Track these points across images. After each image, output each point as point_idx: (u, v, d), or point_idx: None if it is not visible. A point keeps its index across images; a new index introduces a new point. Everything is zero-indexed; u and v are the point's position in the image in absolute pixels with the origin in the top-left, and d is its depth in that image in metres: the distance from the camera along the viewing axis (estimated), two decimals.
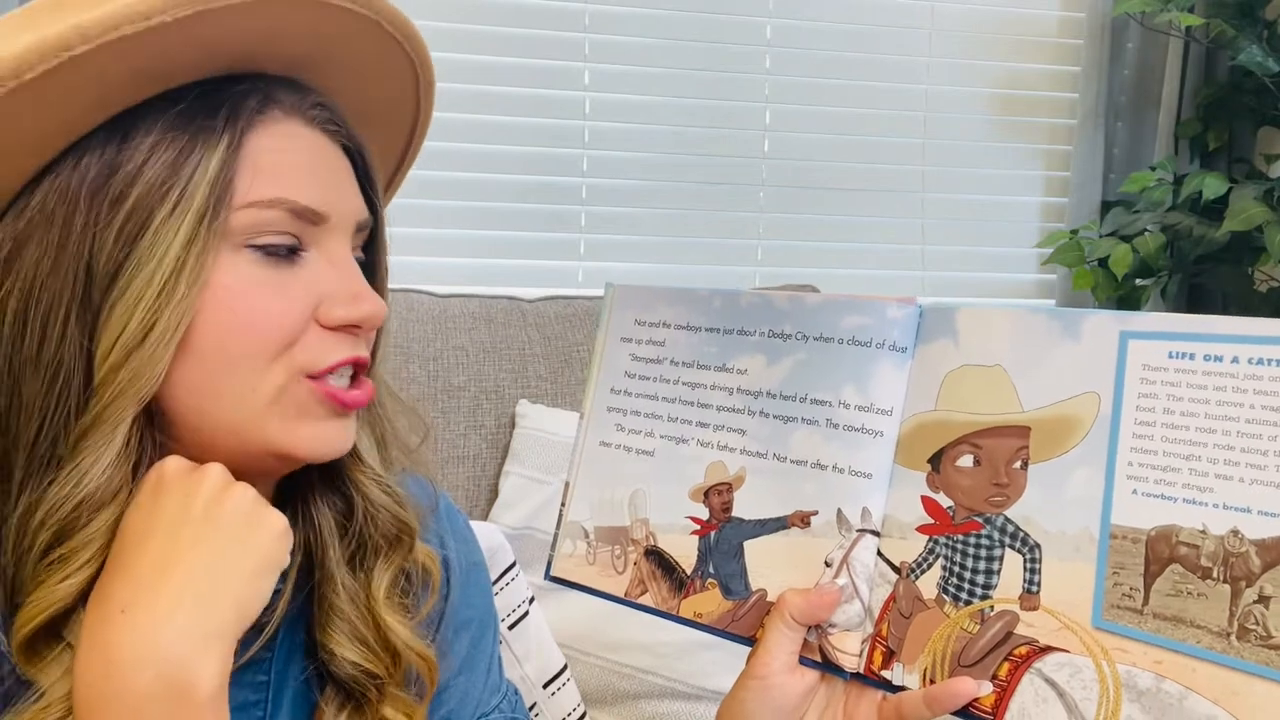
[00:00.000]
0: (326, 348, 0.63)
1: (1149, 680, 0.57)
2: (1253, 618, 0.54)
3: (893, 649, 0.66)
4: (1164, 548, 0.57)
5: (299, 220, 0.62)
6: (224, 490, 0.59)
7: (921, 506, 0.66)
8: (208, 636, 0.55)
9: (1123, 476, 0.59)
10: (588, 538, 0.79)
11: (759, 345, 0.73)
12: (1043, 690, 0.60)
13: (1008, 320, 0.65)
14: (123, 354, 0.58)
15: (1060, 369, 0.62)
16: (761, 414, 0.72)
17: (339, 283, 0.63)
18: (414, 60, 0.69)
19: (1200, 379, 0.58)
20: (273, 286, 0.61)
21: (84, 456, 0.58)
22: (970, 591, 0.64)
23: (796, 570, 0.69)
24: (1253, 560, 0.55)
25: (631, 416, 0.78)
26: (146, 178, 0.58)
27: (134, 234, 0.58)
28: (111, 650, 0.54)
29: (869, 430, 0.68)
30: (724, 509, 0.73)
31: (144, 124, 0.59)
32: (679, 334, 0.77)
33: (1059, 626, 0.60)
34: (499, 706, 0.82)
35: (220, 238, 0.59)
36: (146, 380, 0.58)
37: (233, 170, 0.59)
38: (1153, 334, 0.60)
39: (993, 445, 0.64)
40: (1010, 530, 0.63)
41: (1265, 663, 0.54)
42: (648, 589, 0.76)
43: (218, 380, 0.60)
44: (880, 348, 0.68)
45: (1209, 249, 1.91)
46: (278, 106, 0.63)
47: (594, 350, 0.81)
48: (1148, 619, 0.57)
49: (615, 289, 0.81)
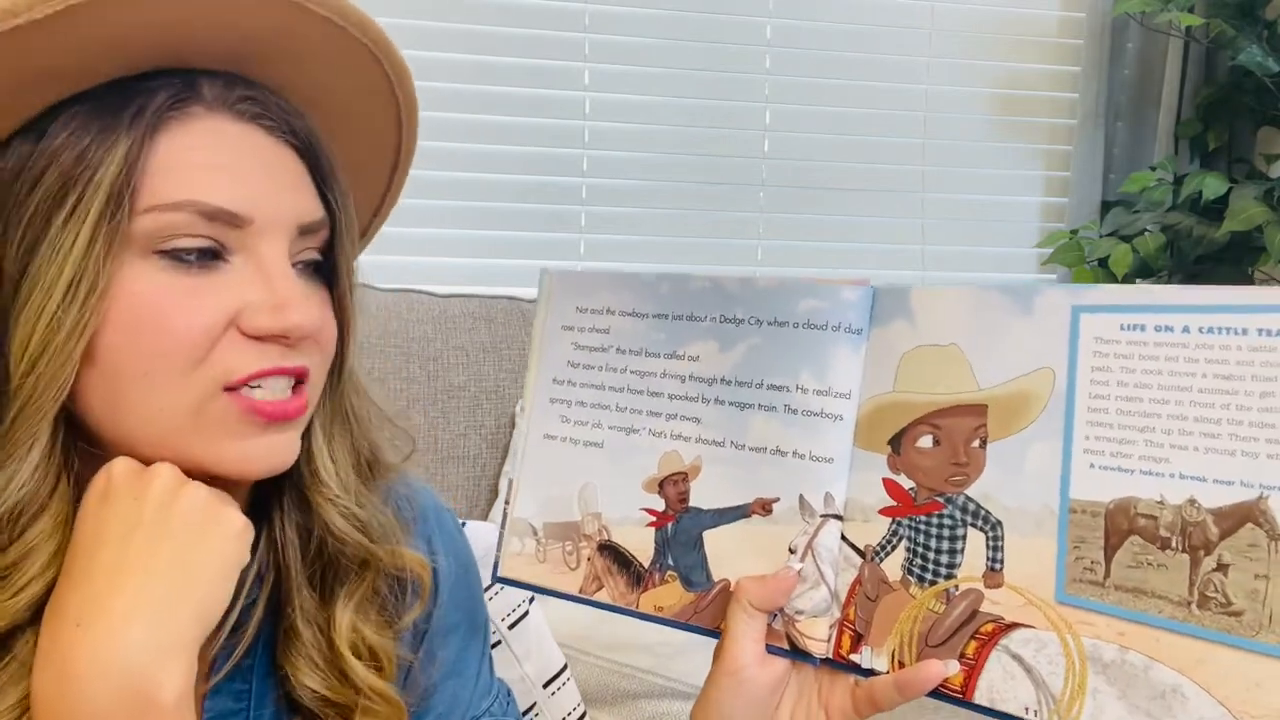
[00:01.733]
0: (247, 357, 0.59)
1: (1113, 652, 0.57)
2: (1212, 585, 0.55)
3: (860, 632, 0.66)
4: (1123, 520, 0.57)
5: (214, 223, 0.58)
6: (176, 490, 0.57)
7: (883, 489, 0.66)
8: (168, 646, 0.53)
9: (1080, 450, 0.59)
10: (536, 535, 0.76)
11: (710, 331, 0.72)
12: (1010, 666, 0.60)
13: (962, 299, 0.64)
14: (29, 363, 0.56)
15: (1014, 345, 0.62)
16: (716, 401, 0.71)
17: (263, 290, 0.59)
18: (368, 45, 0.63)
19: (1152, 350, 0.58)
20: (182, 294, 0.57)
21: (7, 464, 0.56)
22: (935, 572, 0.64)
23: (759, 558, 0.69)
24: (1210, 529, 0.55)
25: (576, 408, 0.76)
26: (47, 181, 0.56)
27: (35, 240, 0.56)
28: (68, 666, 0.52)
29: (828, 414, 0.68)
30: (680, 499, 0.72)
31: (55, 125, 0.57)
32: (624, 320, 0.74)
33: (1023, 603, 0.60)
34: (490, 710, 0.81)
35: (123, 244, 0.56)
36: (54, 390, 0.56)
37: (135, 172, 0.56)
38: (1104, 307, 0.60)
39: (951, 425, 0.64)
40: (971, 509, 0.63)
41: (1226, 630, 0.54)
42: (604, 585, 0.74)
43: (129, 393, 0.58)
44: (836, 330, 0.68)
45: (1209, 249, 1.91)
46: (198, 102, 0.59)
47: (532, 340, 0.78)
48: (1110, 591, 0.58)
49: (552, 275, 0.78)
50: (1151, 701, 0.56)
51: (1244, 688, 0.53)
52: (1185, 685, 0.55)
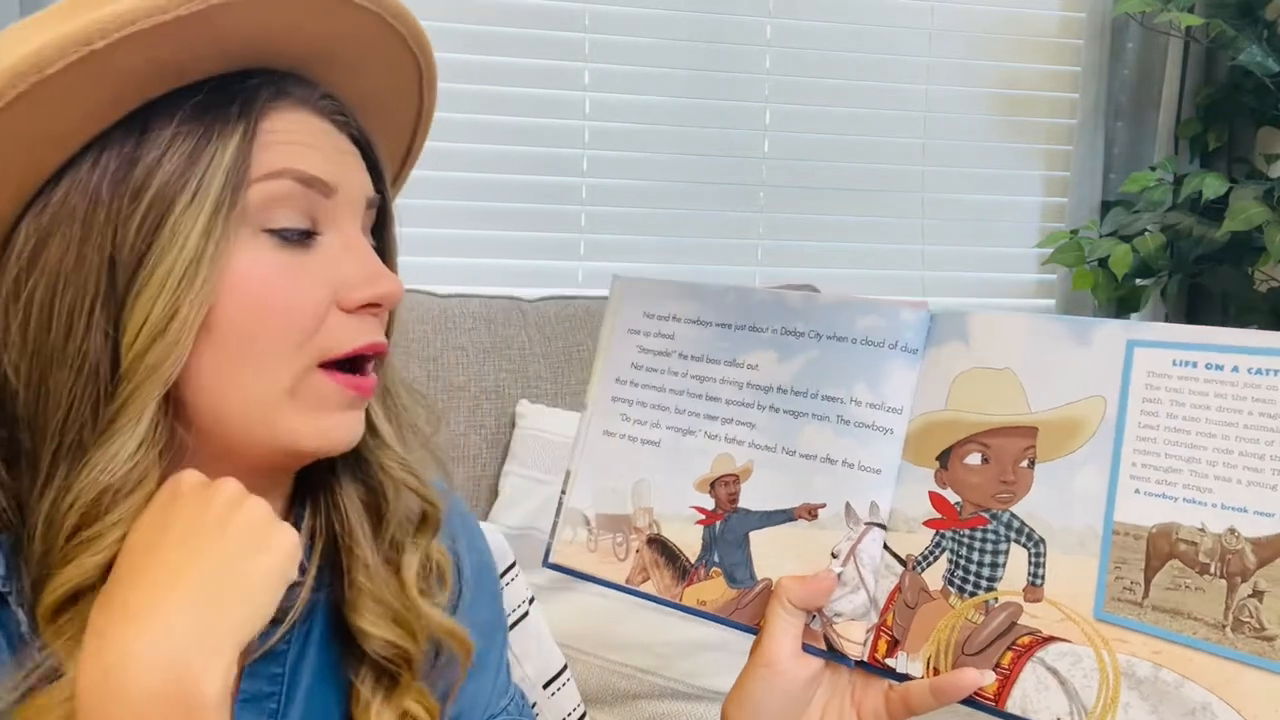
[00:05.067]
0: (349, 332, 0.65)
1: (1147, 669, 0.60)
2: (1247, 611, 0.57)
3: (897, 638, 0.68)
4: (1164, 544, 0.60)
5: (310, 191, 0.63)
6: (238, 503, 0.60)
7: (929, 501, 0.68)
8: (215, 644, 0.55)
9: (1126, 476, 0.62)
10: (589, 525, 0.79)
11: (771, 342, 0.75)
12: (1044, 678, 0.63)
13: (1019, 326, 0.67)
14: (147, 341, 0.59)
15: (1069, 373, 0.65)
16: (772, 408, 0.74)
17: (356, 264, 0.65)
18: (418, 56, 0.71)
19: (1202, 386, 0.61)
20: (293, 271, 0.63)
21: (111, 443, 0.59)
22: (975, 583, 0.66)
23: (802, 561, 0.71)
24: (1248, 557, 0.58)
25: (637, 407, 0.79)
26: (165, 169, 0.60)
27: (155, 225, 0.60)
28: (116, 655, 0.54)
29: (879, 427, 0.70)
30: (730, 500, 0.74)
31: (161, 118, 0.61)
32: (689, 328, 0.78)
33: (1061, 617, 0.63)
34: (506, 709, 0.83)
35: (238, 224, 0.61)
36: (170, 365, 0.59)
37: (247, 157, 0.61)
38: (1158, 343, 0.63)
39: (1001, 444, 0.66)
40: (1016, 525, 0.65)
41: (1258, 653, 0.57)
42: (650, 576, 0.77)
43: (239, 368, 0.62)
44: (893, 348, 0.71)
45: (1209, 249, 1.92)
46: (288, 98, 0.65)
47: (600, 341, 0.82)
48: (1147, 611, 0.60)
49: (622, 282, 0.82)
50: (1182, 718, 0.58)
51: (1272, 709, 0.56)
52: (1215, 703, 0.57)
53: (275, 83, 0.65)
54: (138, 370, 0.59)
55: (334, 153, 0.66)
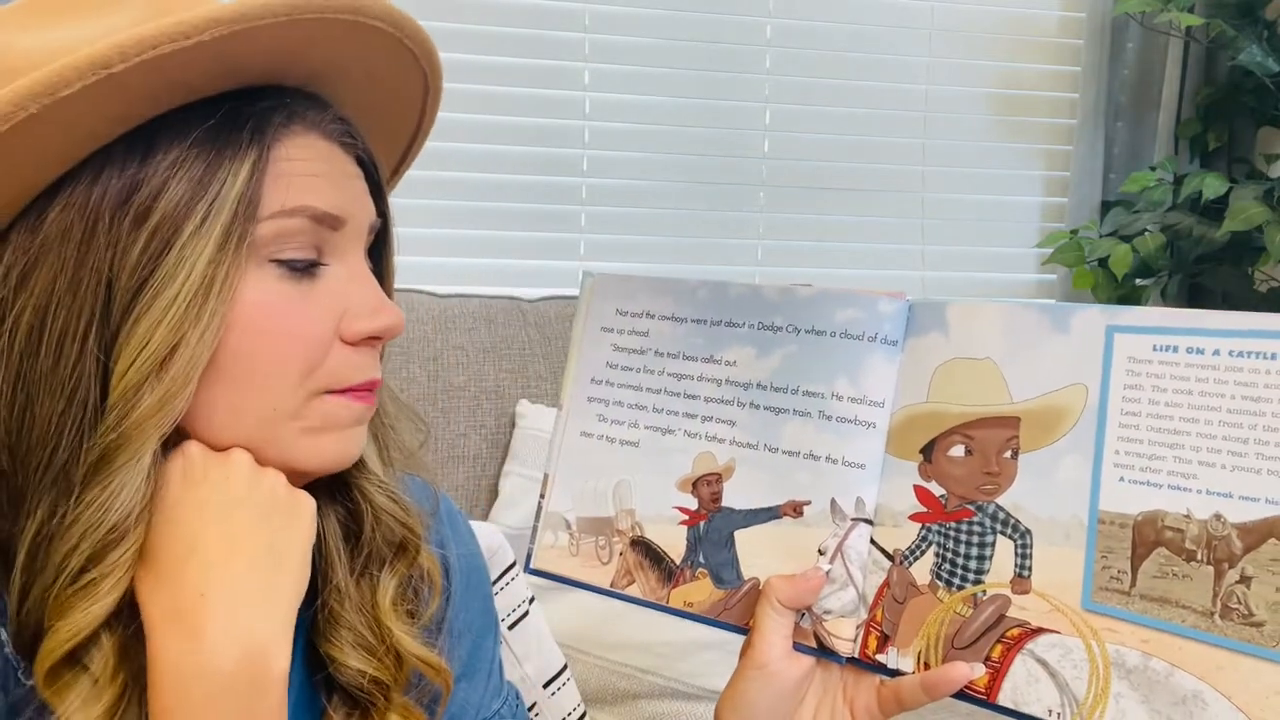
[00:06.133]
0: (349, 368, 0.64)
1: (1137, 658, 0.59)
2: (1235, 597, 0.57)
3: (887, 633, 0.68)
4: (1150, 532, 0.60)
5: (319, 227, 0.62)
6: (258, 473, 0.60)
7: (914, 495, 0.68)
8: (281, 620, 0.57)
9: (1110, 464, 0.61)
10: (570, 529, 0.78)
11: (748, 337, 0.74)
12: (1034, 670, 0.62)
13: (998, 315, 0.67)
14: (143, 373, 0.57)
15: (1049, 362, 0.64)
16: (752, 405, 0.73)
17: (359, 296, 0.64)
18: (426, 71, 0.69)
19: (1183, 370, 0.60)
20: (300, 301, 0.61)
21: (112, 480, 0.57)
22: (963, 577, 0.66)
23: (789, 559, 0.70)
24: (1235, 543, 0.57)
25: (614, 407, 0.78)
26: (172, 193, 0.58)
27: (159, 250, 0.57)
28: (198, 629, 0.55)
29: (861, 421, 0.70)
30: (713, 499, 0.73)
31: (167, 137, 0.59)
32: (664, 324, 0.77)
33: (1049, 609, 0.62)
34: (500, 711, 0.82)
35: (248, 253, 0.59)
36: (177, 402, 0.58)
37: (260, 186, 0.59)
38: (1138, 328, 0.62)
39: (984, 435, 0.66)
40: (1001, 517, 0.65)
41: (1247, 640, 0.56)
42: (635, 579, 0.76)
43: (244, 399, 0.61)
44: (872, 341, 0.70)
45: (1209, 249, 1.92)
46: (300, 121, 0.63)
47: (572, 340, 0.80)
48: (1135, 600, 0.59)
49: (594, 278, 0.80)
50: (1173, 707, 0.58)
51: (1263, 695, 0.56)
52: (1206, 691, 0.57)
53: (287, 104, 0.63)
54: (132, 403, 0.57)
55: (342, 179, 0.64)
